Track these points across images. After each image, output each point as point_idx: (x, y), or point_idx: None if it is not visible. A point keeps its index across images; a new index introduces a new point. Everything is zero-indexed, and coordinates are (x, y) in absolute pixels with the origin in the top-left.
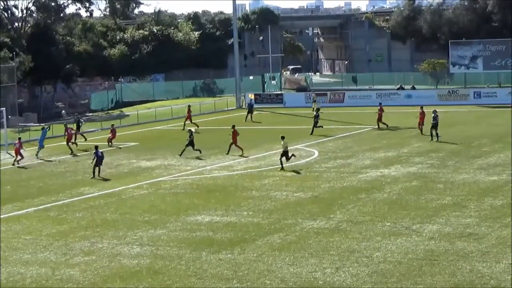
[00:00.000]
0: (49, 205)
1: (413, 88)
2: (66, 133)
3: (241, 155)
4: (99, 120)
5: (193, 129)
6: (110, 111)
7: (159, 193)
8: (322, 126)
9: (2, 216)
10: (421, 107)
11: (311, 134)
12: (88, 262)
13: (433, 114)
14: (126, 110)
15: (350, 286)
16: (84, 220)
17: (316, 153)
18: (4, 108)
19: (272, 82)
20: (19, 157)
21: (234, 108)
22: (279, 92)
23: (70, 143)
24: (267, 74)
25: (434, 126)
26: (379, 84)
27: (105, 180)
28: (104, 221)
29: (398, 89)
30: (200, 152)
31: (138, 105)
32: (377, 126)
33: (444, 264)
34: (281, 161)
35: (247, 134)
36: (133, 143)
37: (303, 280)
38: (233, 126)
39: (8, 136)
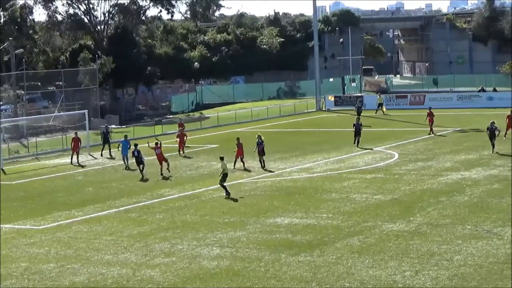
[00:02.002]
0: (130, 206)
1: (495, 90)
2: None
3: (244, 169)
4: (180, 122)
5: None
6: (190, 113)
7: (239, 195)
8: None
9: (84, 217)
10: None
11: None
12: (168, 263)
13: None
14: (206, 112)
15: None
16: (164, 221)
17: (396, 156)
18: (87, 110)
19: (352, 84)
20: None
21: (314, 110)
22: (359, 94)
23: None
24: (347, 76)
25: (491, 136)
26: (460, 86)
27: (185, 181)
28: (184, 222)
29: (479, 91)
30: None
31: (218, 107)
32: (430, 132)
33: None
34: (223, 186)
35: (327, 136)
36: (213, 145)
37: (382, 283)
38: (238, 139)
39: (90, 138)
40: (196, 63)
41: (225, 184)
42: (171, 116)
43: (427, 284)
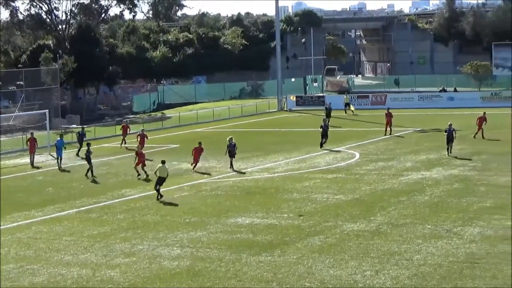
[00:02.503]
0: (90, 206)
1: (455, 90)
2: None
3: (193, 169)
4: (141, 122)
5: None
6: (152, 113)
7: (199, 195)
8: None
9: (44, 218)
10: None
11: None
12: (128, 263)
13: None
14: (168, 112)
15: None
16: (125, 221)
17: (357, 155)
18: (47, 110)
19: (314, 84)
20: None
21: (276, 110)
22: (321, 95)
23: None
24: (309, 76)
25: (449, 139)
26: (421, 87)
27: (146, 181)
28: (145, 222)
29: (440, 91)
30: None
31: (180, 107)
32: (386, 133)
33: (485, 267)
34: (157, 190)
35: (289, 136)
36: (174, 145)
37: (343, 282)
38: (200, 143)
39: (50, 137)
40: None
41: (159, 188)
42: (132, 116)
43: (387, 283)
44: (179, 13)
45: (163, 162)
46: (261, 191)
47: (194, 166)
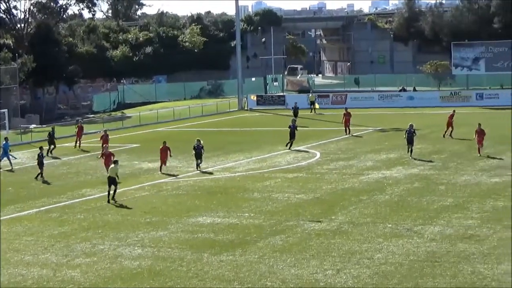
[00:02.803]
0: (50, 206)
1: (415, 89)
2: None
3: (160, 170)
4: (101, 121)
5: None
6: (112, 113)
7: (160, 195)
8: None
9: (3, 218)
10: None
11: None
12: (89, 263)
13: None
14: (128, 112)
15: (351, 287)
16: (85, 221)
17: (318, 155)
18: (6, 110)
19: (274, 83)
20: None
21: (236, 109)
22: (281, 94)
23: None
24: (269, 76)
25: (409, 140)
26: (381, 86)
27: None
28: (106, 222)
29: (400, 90)
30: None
31: (140, 107)
32: (346, 132)
33: (446, 265)
34: (109, 192)
35: (249, 136)
36: (134, 145)
37: (304, 281)
38: (164, 142)
39: (10, 138)
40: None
41: (112, 189)
42: (92, 115)
43: (348, 282)
44: (138, 12)
45: (115, 162)
46: (222, 191)
47: (161, 167)
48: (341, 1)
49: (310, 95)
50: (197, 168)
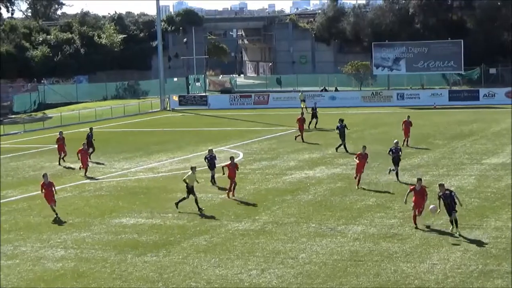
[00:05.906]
0: None
1: (336, 90)
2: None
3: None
4: (22, 122)
5: None
6: (33, 113)
7: (83, 196)
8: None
9: None
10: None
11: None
12: (11, 266)
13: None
14: (49, 112)
15: (275, 287)
16: (6, 223)
17: (241, 155)
18: None
19: (197, 84)
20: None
21: (159, 110)
22: (204, 94)
23: None
24: (192, 76)
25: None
26: (303, 86)
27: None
28: (27, 224)
29: (321, 91)
30: None
31: (61, 107)
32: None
33: (369, 264)
34: (196, 201)
35: (172, 136)
36: (56, 145)
37: (228, 282)
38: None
39: None
40: None
41: (190, 198)
42: (13, 116)
43: (272, 282)
44: (58, 12)
45: (192, 168)
46: (145, 191)
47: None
48: (262, 1)
49: (300, 93)
50: (211, 180)
